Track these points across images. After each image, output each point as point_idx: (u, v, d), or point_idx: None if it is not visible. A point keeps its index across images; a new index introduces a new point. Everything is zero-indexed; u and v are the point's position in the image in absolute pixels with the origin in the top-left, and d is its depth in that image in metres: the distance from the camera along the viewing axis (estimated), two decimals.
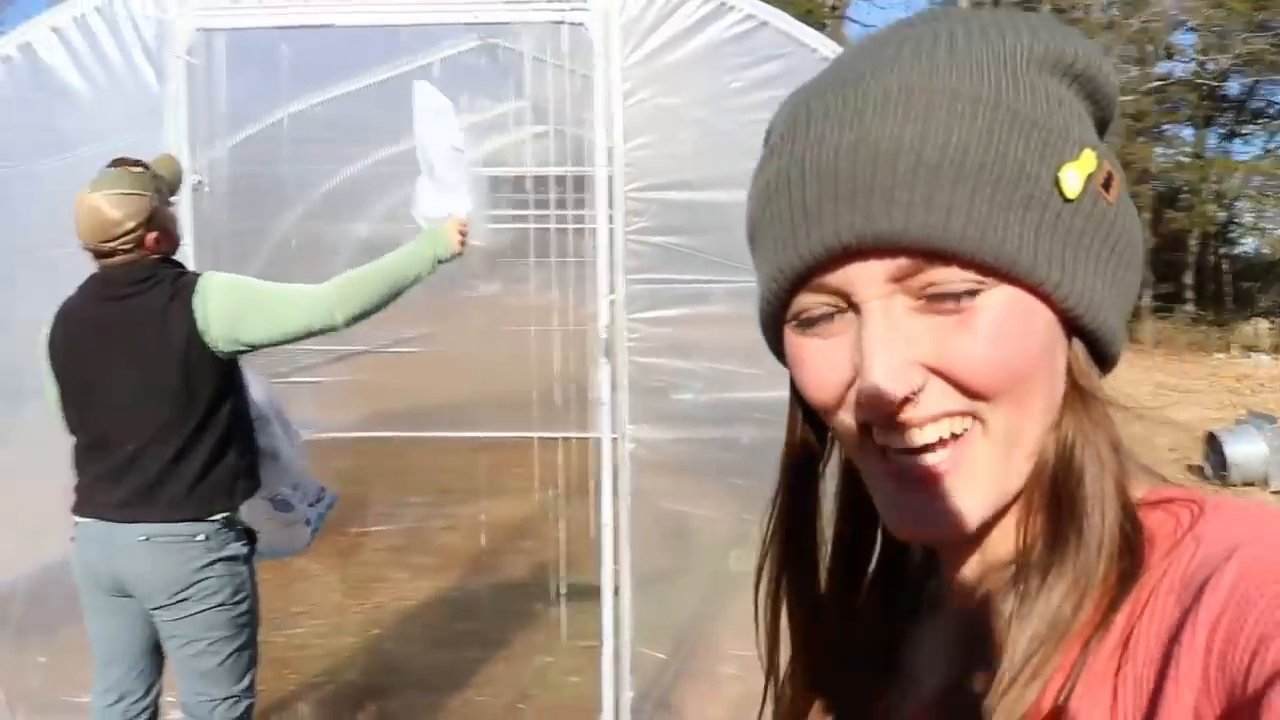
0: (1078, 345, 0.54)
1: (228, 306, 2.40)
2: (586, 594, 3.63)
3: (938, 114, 0.50)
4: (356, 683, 3.89)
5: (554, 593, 4.28)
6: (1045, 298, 0.52)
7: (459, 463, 5.96)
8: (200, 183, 3.23)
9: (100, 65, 3.19)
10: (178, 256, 2.60)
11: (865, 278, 0.52)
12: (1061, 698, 0.49)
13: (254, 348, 2.47)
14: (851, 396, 0.53)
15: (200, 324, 2.39)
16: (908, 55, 0.52)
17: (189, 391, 2.41)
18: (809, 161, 0.52)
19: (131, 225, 2.40)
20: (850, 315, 0.53)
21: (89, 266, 2.49)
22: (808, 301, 0.54)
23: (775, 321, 0.58)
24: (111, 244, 2.41)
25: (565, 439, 4.58)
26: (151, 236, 2.44)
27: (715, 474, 3.39)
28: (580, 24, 3.11)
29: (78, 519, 2.49)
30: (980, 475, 0.53)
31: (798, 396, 0.60)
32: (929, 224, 0.49)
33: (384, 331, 5.20)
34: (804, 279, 0.54)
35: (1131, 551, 0.51)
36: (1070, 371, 0.54)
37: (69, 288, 2.53)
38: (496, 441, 5.70)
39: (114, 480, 2.43)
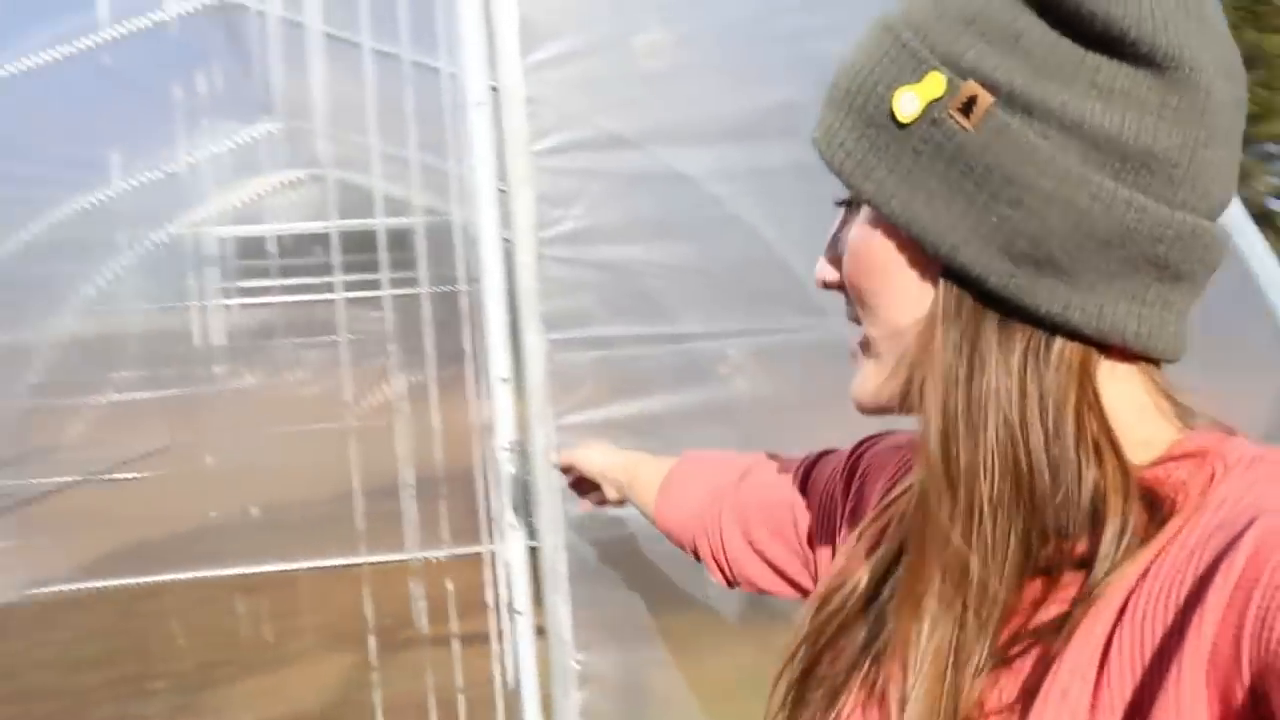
0: (946, 283, 0.54)
1: None
2: None
3: (865, 38, 0.57)
4: None
5: None
6: (886, 218, 0.55)
7: (218, 616, 4.52)
8: None
9: None
10: None
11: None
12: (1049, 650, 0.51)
13: None
14: None
15: None
16: None
17: None
18: None
19: None
20: None
21: None
22: None
23: None
24: None
25: (374, 565, 3.53)
26: None
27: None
28: None
29: None
30: (865, 369, 0.60)
31: None
32: (820, 136, 0.57)
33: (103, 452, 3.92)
34: None
35: (1140, 509, 0.51)
36: (943, 309, 0.54)
37: None
38: (266, 578, 4.45)
39: None
